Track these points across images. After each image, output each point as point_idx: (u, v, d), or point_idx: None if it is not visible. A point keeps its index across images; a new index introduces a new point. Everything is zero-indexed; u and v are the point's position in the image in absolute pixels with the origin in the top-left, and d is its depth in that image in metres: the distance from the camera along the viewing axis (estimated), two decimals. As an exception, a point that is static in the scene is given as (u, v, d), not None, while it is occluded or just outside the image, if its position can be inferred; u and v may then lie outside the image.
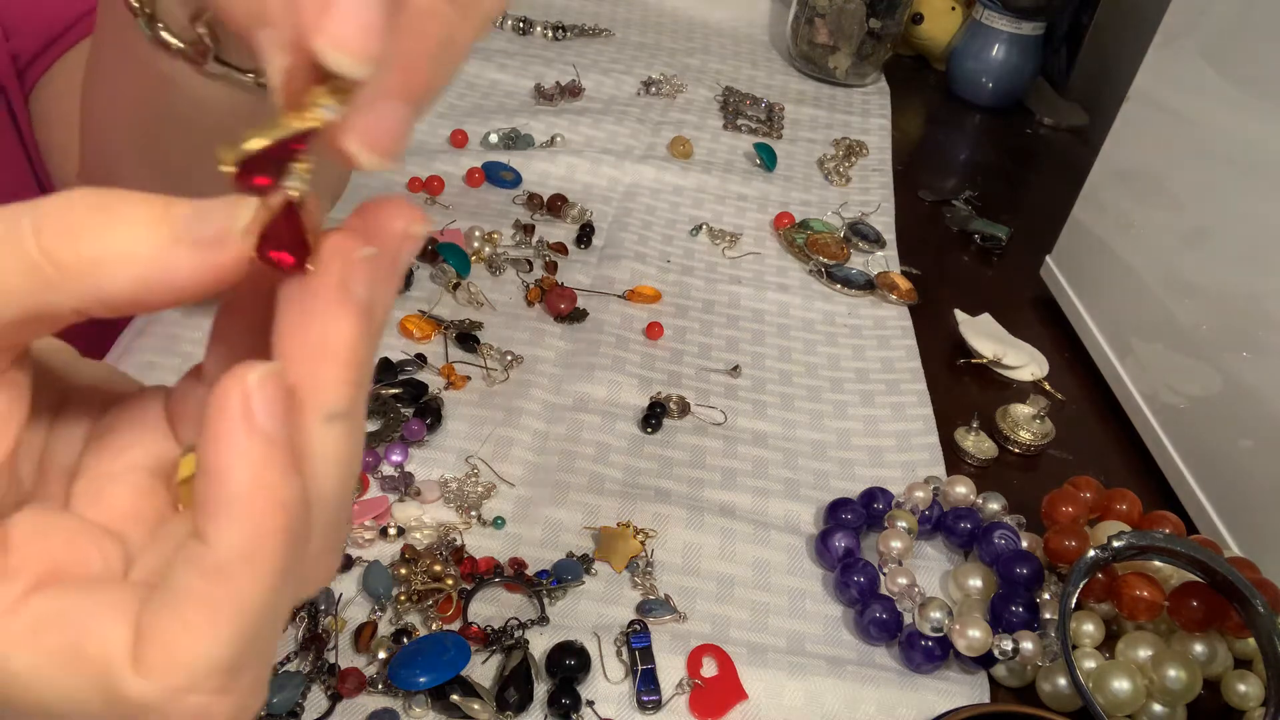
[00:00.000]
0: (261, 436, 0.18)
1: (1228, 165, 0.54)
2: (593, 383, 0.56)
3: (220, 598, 0.18)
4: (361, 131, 0.19)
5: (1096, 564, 0.43)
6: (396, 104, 0.19)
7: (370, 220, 0.20)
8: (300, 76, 0.19)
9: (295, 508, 0.18)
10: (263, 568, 0.18)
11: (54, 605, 0.19)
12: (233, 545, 0.18)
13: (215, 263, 0.19)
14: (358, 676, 0.39)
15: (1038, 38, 0.95)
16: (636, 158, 0.76)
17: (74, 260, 0.18)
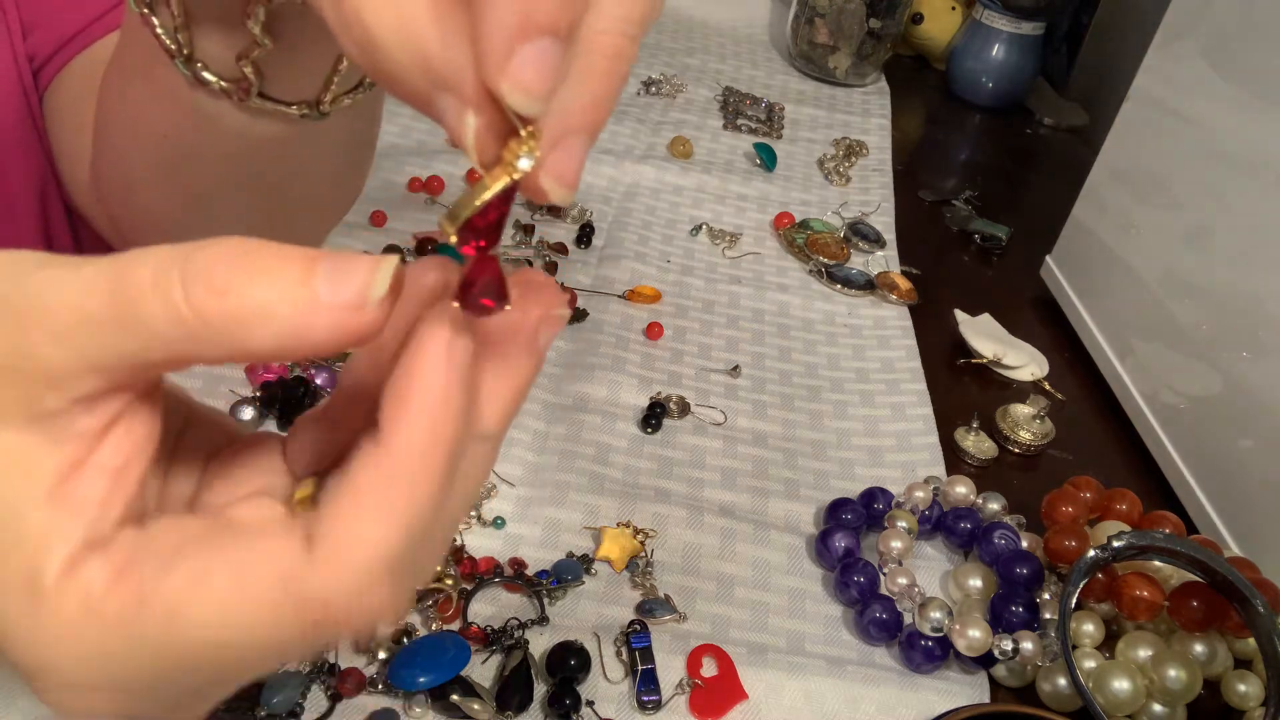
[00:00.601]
0: (456, 364, 0.20)
1: (1228, 165, 0.54)
2: (593, 383, 0.56)
3: (395, 492, 0.20)
4: (554, 170, 0.21)
5: (1096, 564, 0.43)
6: (583, 138, 0.21)
7: (527, 293, 0.23)
8: (489, 135, 0.21)
9: (461, 438, 0.21)
10: (433, 470, 0.20)
11: (208, 550, 0.20)
12: (411, 443, 0.20)
13: (353, 326, 0.20)
14: (358, 676, 0.39)
15: (1038, 38, 0.95)
16: (636, 158, 0.76)
17: (219, 318, 0.19)
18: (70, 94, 0.51)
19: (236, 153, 0.39)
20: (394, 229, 0.64)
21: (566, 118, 0.21)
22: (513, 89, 0.19)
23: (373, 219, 0.64)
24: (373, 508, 0.20)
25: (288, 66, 0.35)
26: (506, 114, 0.20)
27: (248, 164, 0.39)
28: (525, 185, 0.21)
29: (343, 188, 0.46)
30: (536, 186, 0.21)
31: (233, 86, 0.35)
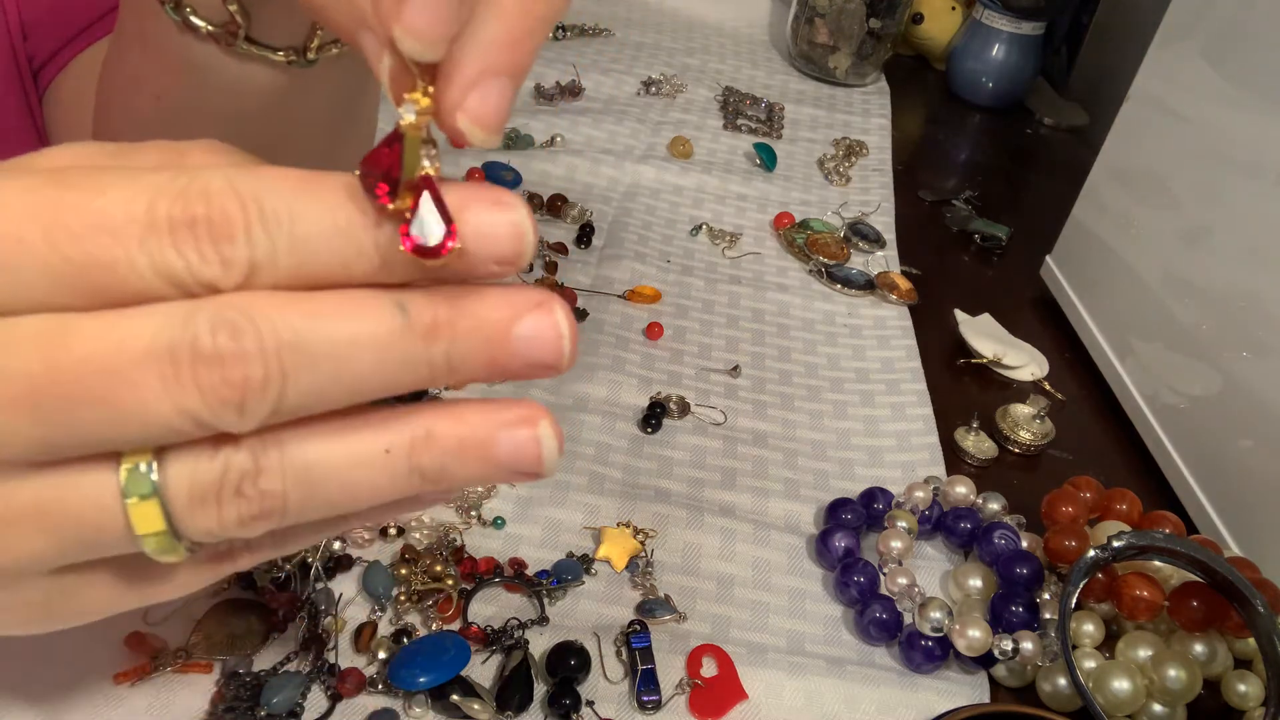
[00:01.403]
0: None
1: (1228, 165, 0.54)
2: (593, 383, 0.56)
3: None
4: (471, 110, 0.21)
5: (1096, 564, 0.43)
6: (503, 80, 0.21)
7: None
8: (404, 75, 0.21)
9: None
10: None
11: None
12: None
13: None
14: (358, 676, 0.39)
15: (1038, 38, 0.95)
16: (636, 158, 0.76)
17: None
18: (71, 93, 0.51)
19: (228, 110, 0.38)
20: (394, 229, 0.64)
21: (483, 59, 0.21)
22: (404, 34, 0.19)
23: (373, 219, 0.64)
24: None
25: (271, 6, 0.35)
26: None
27: (239, 123, 0.38)
28: (443, 127, 0.21)
29: (339, 150, 0.45)
30: (453, 128, 0.21)
31: (220, 30, 0.35)
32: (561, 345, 0.22)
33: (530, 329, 0.22)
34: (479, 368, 0.22)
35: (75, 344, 0.20)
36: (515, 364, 0.22)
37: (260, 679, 0.38)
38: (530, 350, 0.22)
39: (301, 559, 0.42)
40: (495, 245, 0.22)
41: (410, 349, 0.21)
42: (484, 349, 0.22)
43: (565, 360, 0.22)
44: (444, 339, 0.21)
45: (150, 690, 0.37)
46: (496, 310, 0.22)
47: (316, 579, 0.42)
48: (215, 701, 0.37)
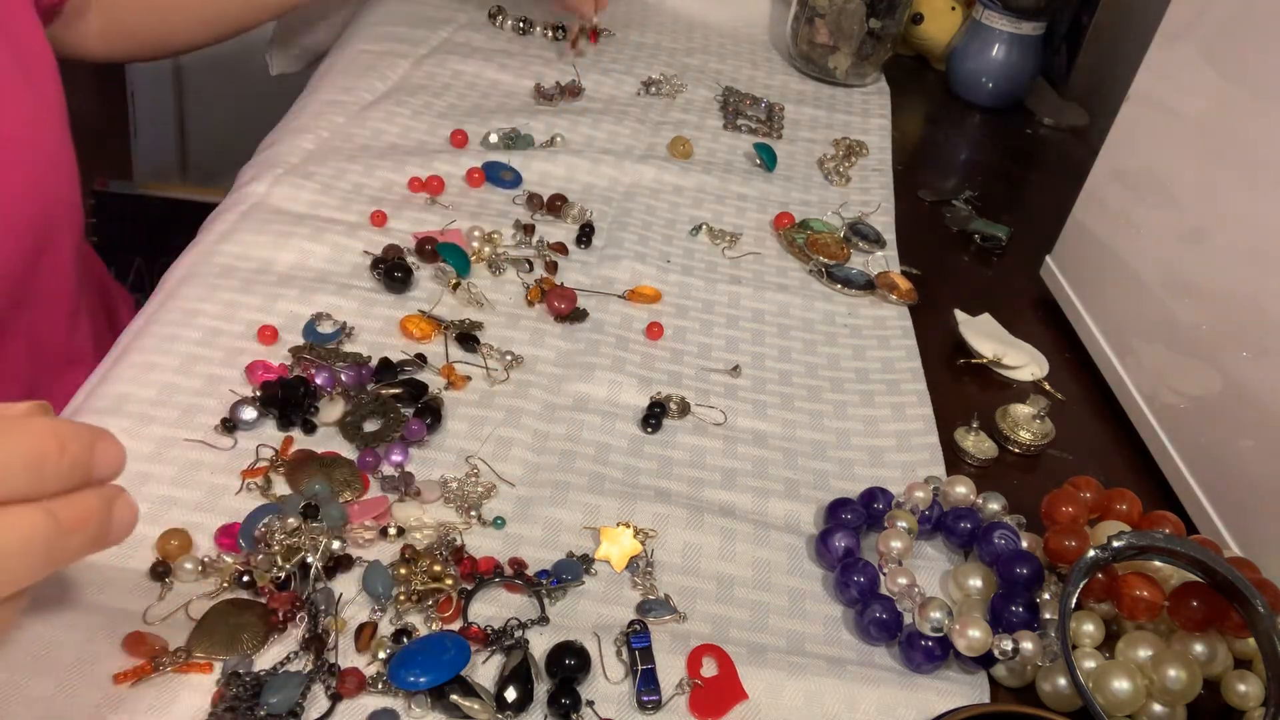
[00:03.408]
0: None
1: (1228, 165, 0.54)
2: (593, 383, 0.56)
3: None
4: None
5: (1096, 564, 0.43)
6: None
7: None
8: None
9: None
10: None
11: None
12: None
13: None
14: (358, 676, 0.39)
15: (1038, 38, 0.95)
16: (636, 158, 0.76)
17: None
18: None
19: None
20: (394, 229, 0.64)
21: None
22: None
23: (373, 219, 0.64)
24: None
25: None
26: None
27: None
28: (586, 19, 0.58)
29: None
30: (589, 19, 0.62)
31: None
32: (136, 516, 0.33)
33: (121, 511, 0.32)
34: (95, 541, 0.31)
35: None
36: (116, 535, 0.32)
37: (260, 679, 0.38)
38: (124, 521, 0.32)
39: (301, 559, 0.42)
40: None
41: (58, 540, 0.30)
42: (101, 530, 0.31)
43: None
44: (80, 530, 0.30)
45: (150, 690, 0.37)
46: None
47: (316, 579, 0.42)
48: (215, 701, 0.37)
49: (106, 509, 0.31)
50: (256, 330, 0.54)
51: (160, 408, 0.49)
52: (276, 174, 0.66)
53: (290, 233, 0.61)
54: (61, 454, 0.30)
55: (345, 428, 0.50)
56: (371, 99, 0.77)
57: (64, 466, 0.30)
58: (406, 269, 0.59)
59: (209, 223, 0.63)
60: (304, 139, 0.71)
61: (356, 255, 0.61)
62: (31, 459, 0.29)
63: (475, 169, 0.71)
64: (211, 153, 1.64)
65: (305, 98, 0.77)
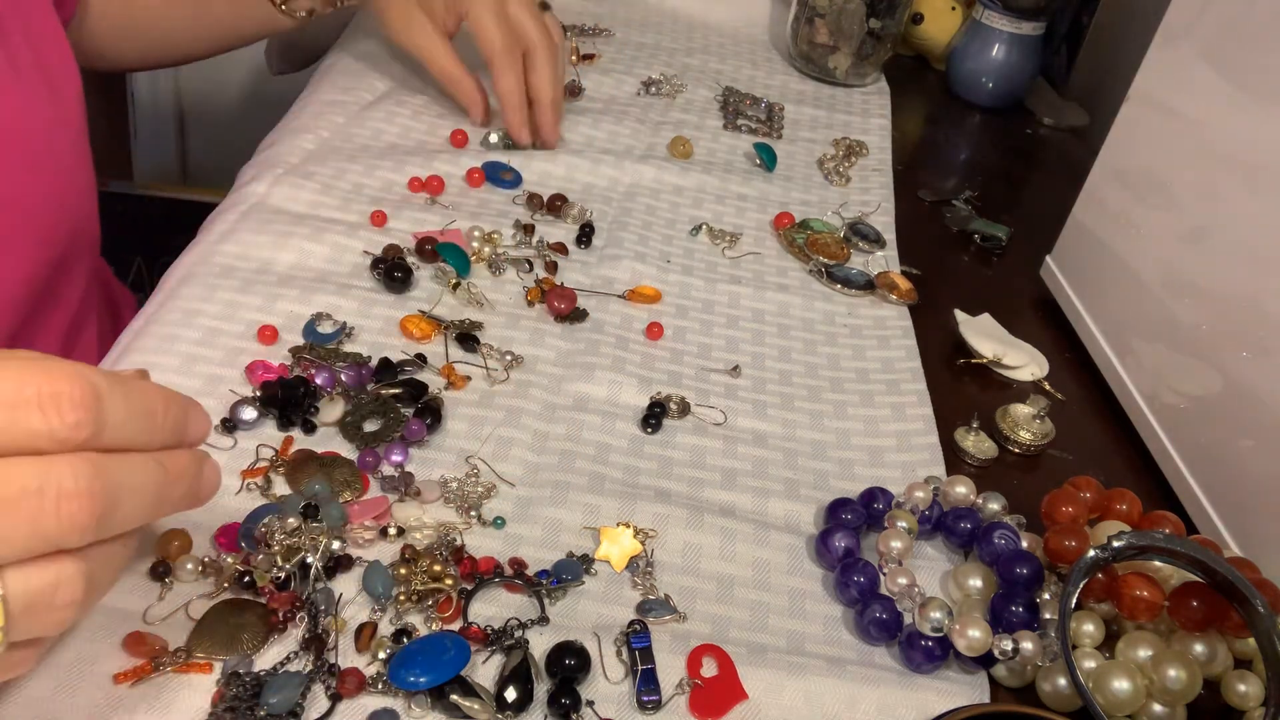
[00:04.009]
0: None
1: (1228, 165, 0.54)
2: (593, 383, 0.56)
3: None
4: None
5: (1096, 564, 0.43)
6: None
7: None
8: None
9: None
10: None
11: None
12: None
13: None
14: (358, 676, 0.39)
15: (1038, 38, 0.95)
16: (636, 158, 0.76)
17: None
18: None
19: None
20: (394, 229, 0.64)
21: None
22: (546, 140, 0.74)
23: (373, 219, 0.64)
24: None
25: None
26: None
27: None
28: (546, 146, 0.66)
29: None
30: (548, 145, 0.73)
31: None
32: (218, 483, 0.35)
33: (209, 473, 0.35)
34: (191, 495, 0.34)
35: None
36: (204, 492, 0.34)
37: (260, 679, 0.38)
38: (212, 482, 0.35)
39: (301, 559, 0.42)
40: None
41: (166, 488, 0.32)
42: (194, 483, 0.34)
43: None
44: (181, 481, 0.33)
45: (150, 690, 0.37)
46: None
47: (316, 579, 0.42)
48: (215, 701, 0.37)
49: (199, 467, 0.34)
50: (256, 330, 0.54)
51: (160, 408, 0.49)
52: (276, 174, 0.66)
53: (290, 233, 0.61)
54: (166, 412, 0.32)
55: (345, 428, 0.50)
56: (372, 99, 0.77)
57: (168, 424, 0.32)
58: (406, 269, 0.59)
59: (209, 223, 0.63)
60: (304, 139, 0.71)
61: (356, 255, 0.61)
62: (143, 413, 0.31)
63: (475, 169, 0.71)
64: (211, 153, 1.64)
65: (305, 98, 0.77)
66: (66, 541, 0.29)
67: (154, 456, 0.32)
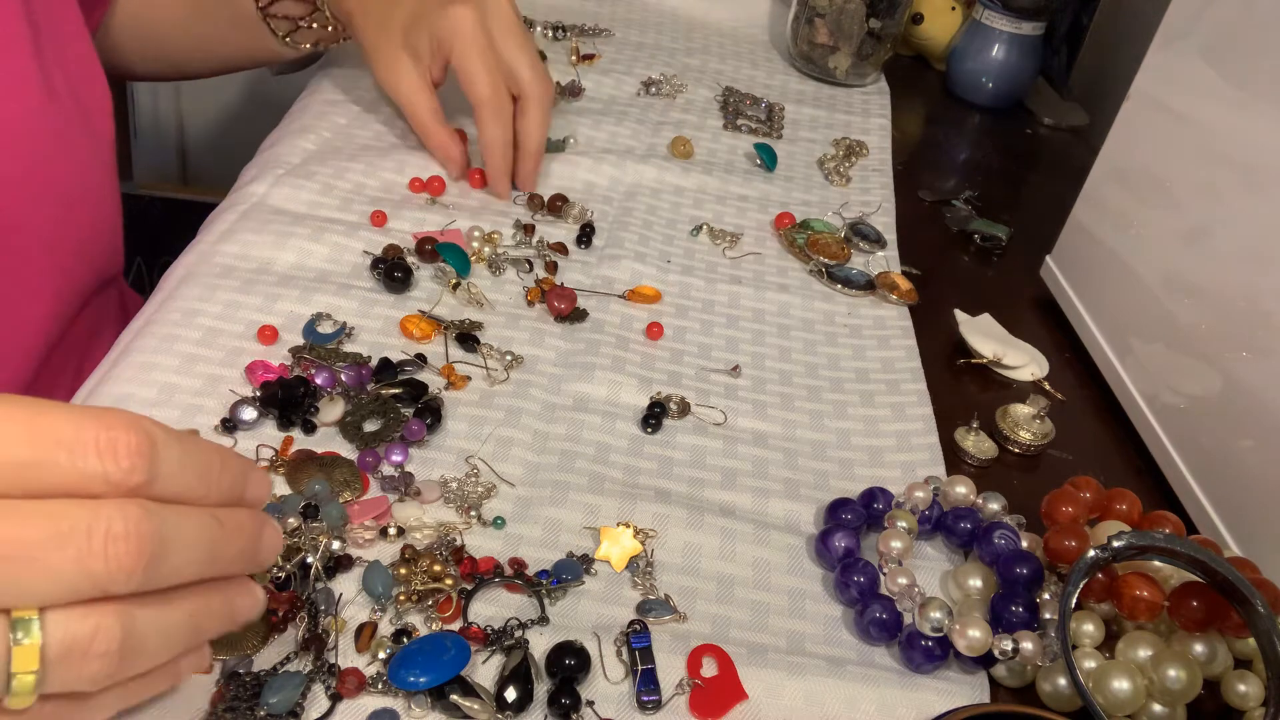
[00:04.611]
0: None
1: (1228, 165, 0.54)
2: (593, 383, 0.56)
3: None
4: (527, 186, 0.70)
5: (1096, 564, 0.43)
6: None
7: None
8: None
9: None
10: None
11: None
12: None
13: None
14: (358, 676, 0.39)
15: (1038, 38, 0.95)
16: (637, 158, 0.76)
17: None
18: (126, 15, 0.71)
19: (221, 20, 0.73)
20: (394, 229, 0.64)
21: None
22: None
23: (373, 219, 0.64)
24: None
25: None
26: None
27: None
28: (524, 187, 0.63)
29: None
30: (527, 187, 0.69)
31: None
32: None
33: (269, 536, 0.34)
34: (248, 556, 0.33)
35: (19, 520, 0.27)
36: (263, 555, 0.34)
37: (260, 679, 0.38)
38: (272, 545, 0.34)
39: (302, 559, 0.42)
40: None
41: (220, 543, 0.32)
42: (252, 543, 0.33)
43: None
44: (238, 539, 0.32)
45: (150, 690, 0.37)
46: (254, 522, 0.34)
47: (316, 579, 0.42)
48: (215, 701, 0.37)
49: (258, 528, 0.33)
50: (256, 330, 0.54)
51: (160, 408, 0.49)
52: (278, 174, 0.66)
53: (290, 233, 0.61)
54: (223, 468, 0.32)
55: (345, 428, 0.50)
56: (373, 99, 0.77)
57: (224, 480, 0.32)
58: (406, 269, 0.59)
59: (209, 223, 0.63)
60: (306, 139, 0.71)
61: (356, 255, 0.61)
62: (198, 466, 0.31)
63: (476, 169, 0.71)
64: (211, 153, 1.64)
65: (306, 98, 0.77)
66: (113, 585, 0.28)
67: (209, 511, 0.31)
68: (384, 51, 0.67)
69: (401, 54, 0.66)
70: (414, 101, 0.68)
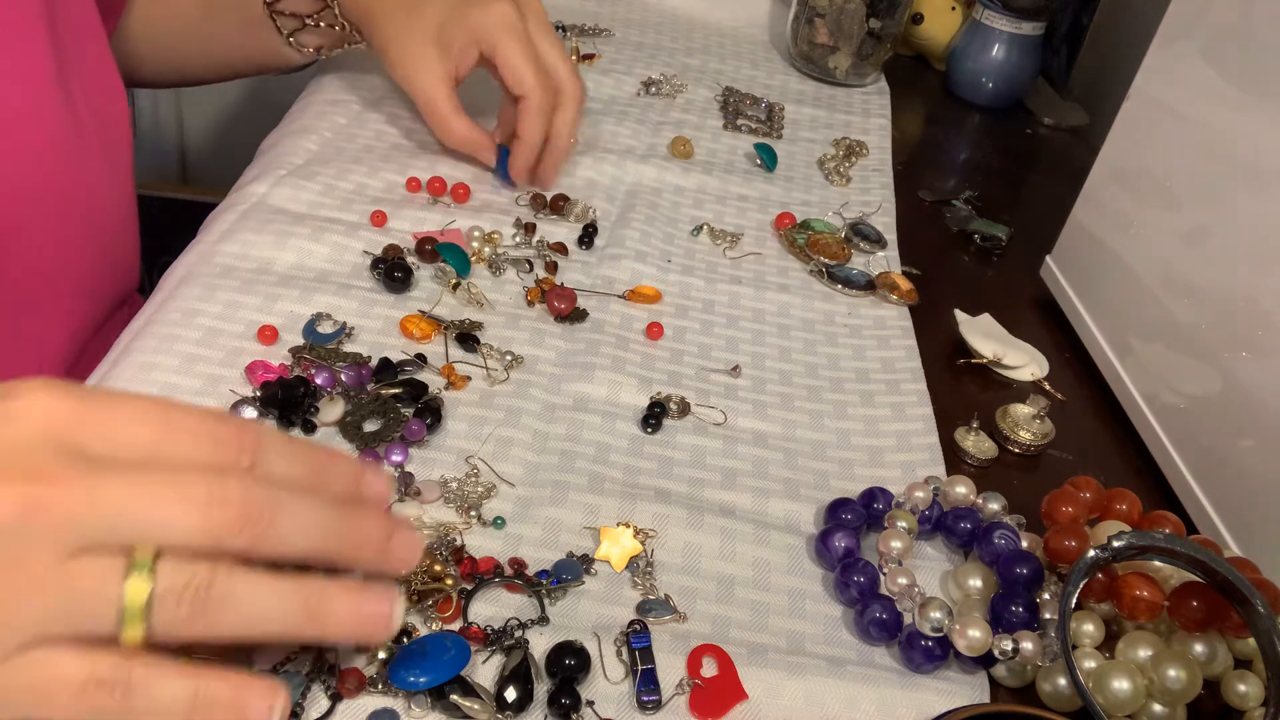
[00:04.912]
0: None
1: (1228, 165, 0.54)
2: (593, 383, 0.56)
3: None
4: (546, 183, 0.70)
5: (1096, 564, 0.43)
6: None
7: None
8: None
9: None
10: None
11: None
12: None
13: None
14: (358, 676, 0.39)
15: (1038, 38, 0.95)
16: (637, 158, 0.76)
17: None
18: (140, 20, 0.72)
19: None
20: (394, 229, 0.64)
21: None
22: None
23: (373, 219, 0.64)
24: None
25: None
26: None
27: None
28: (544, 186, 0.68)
29: None
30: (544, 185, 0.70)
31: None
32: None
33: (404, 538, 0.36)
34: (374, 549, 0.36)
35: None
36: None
37: (260, 679, 0.38)
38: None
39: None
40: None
41: (336, 524, 0.34)
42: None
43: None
44: (357, 530, 0.35)
45: (150, 690, 0.37)
46: None
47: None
48: (215, 701, 0.37)
49: (387, 527, 0.35)
50: (256, 330, 0.54)
51: (160, 408, 0.49)
52: (279, 174, 0.66)
53: (290, 233, 0.61)
54: (333, 466, 0.35)
55: (345, 428, 0.50)
56: (374, 99, 0.77)
57: (337, 476, 0.35)
58: (406, 269, 0.59)
59: (209, 223, 0.63)
60: (307, 139, 0.71)
61: (356, 255, 0.61)
62: (309, 462, 0.34)
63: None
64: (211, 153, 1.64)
65: (306, 98, 0.77)
66: (222, 540, 0.31)
67: (327, 499, 0.33)
68: (407, 45, 0.66)
69: (428, 47, 0.65)
70: (435, 93, 0.66)
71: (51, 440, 0.30)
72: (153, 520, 0.30)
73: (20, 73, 0.52)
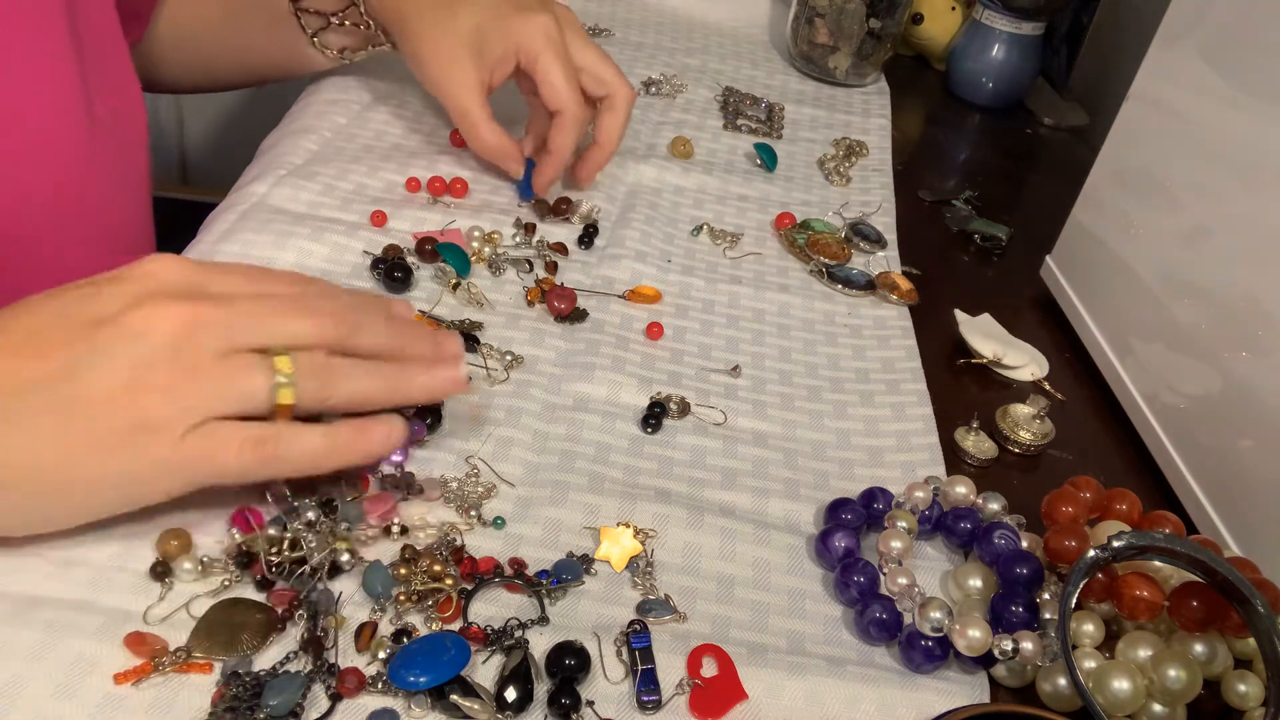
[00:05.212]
0: None
1: (1228, 165, 0.54)
2: (593, 383, 0.56)
3: None
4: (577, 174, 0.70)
5: (1096, 564, 0.43)
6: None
7: None
8: None
9: None
10: None
11: None
12: None
13: None
14: (358, 676, 0.39)
15: (1038, 38, 0.95)
16: (637, 158, 0.76)
17: None
18: (168, 24, 0.73)
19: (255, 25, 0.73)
20: (394, 229, 0.64)
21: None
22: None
23: (373, 219, 0.64)
24: None
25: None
26: None
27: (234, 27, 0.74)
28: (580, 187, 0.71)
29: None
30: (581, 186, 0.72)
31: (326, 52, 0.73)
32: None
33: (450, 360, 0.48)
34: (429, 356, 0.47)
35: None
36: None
37: (260, 679, 0.38)
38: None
39: (303, 556, 0.42)
40: None
41: (402, 340, 0.47)
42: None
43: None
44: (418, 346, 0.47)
45: (150, 690, 0.37)
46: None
47: (316, 577, 0.42)
48: (215, 701, 0.37)
49: (436, 352, 0.47)
50: (257, 330, 0.54)
51: (160, 408, 0.49)
52: (279, 174, 0.66)
53: (290, 233, 0.61)
54: (407, 314, 0.49)
55: (345, 428, 0.50)
56: (374, 99, 0.77)
57: (409, 326, 0.48)
58: (406, 269, 0.59)
59: (209, 223, 0.63)
60: (307, 139, 0.71)
61: (356, 255, 0.61)
62: (377, 302, 0.48)
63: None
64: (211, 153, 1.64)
65: (306, 98, 0.77)
66: (324, 336, 0.42)
67: (390, 318, 0.47)
68: (440, 47, 0.64)
69: (462, 50, 0.64)
70: (468, 101, 0.65)
71: (186, 281, 0.41)
72: (278, 325, 0.41)
73: (43, 80, 0.52)
